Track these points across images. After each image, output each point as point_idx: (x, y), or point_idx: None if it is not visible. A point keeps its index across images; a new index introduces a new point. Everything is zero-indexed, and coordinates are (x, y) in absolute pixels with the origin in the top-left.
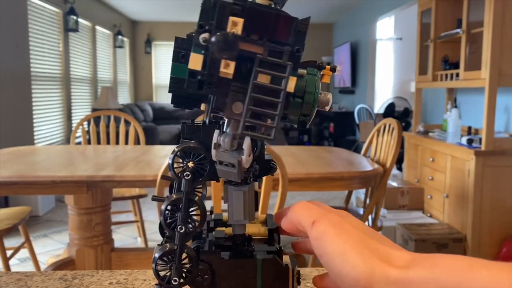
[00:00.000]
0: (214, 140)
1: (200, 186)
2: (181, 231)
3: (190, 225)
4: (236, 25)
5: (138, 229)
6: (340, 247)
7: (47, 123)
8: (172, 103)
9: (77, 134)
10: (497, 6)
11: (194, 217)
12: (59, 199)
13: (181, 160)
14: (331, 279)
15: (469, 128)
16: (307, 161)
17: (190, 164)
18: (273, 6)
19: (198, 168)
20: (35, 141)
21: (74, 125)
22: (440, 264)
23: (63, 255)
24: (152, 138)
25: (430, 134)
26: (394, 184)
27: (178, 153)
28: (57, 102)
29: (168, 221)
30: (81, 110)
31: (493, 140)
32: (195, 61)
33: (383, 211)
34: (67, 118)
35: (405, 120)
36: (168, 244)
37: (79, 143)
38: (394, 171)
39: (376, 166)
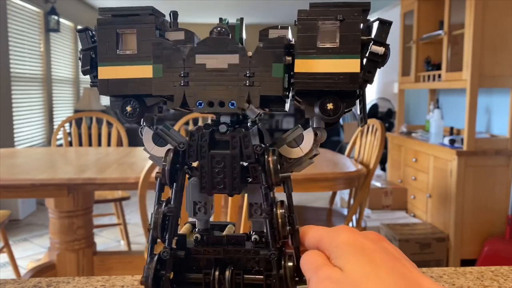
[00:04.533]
0: (312, 139)
1: None
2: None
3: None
4: None
5: (121, 232)
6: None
7: (27, 124)
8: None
9: (59, 136)
10: (478, 8)
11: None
12: (40, 202)
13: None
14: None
15: (451, 128)
16: None
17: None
18: None
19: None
20: (15, 143)
21: (55, 126)
22: None
23: (44, 259)
24: (135, 140)
25: (413, 134)
26: (378, 184)
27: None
28: (38, 103)
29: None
30: (63, 111)
31: (475, 141)
32: (356, 65)
33: (367, 211)
34: (48, 120)
35: (388, 120)
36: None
37: (61, 145)
38: (378, 171)
39: (359, 166)
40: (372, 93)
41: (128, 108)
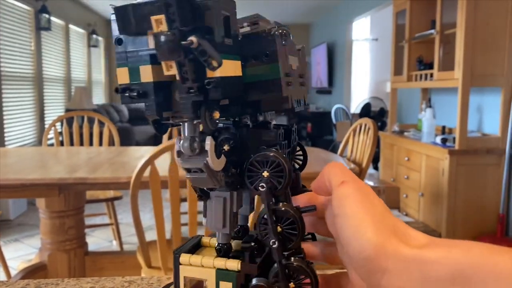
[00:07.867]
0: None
1: None
2: None
3: None
4: None
5: (113, 232)
6: (359, 213)
7: (18, 124)
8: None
9: (50, 136)
10: (469, 8)
11: None
12: (31, 202)
13: None
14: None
15: (443, 127)
16: None
17: None
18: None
19: None
20: (6, 143)
21: (46, 126)
22: (457, 246)
23: (35, 260)
24: (127, 139)
25: (405, 133)
26: (370, 183)
27: None
28: (29, 102)
29: None
30: (54, 110)
31: (466, 139)
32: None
33: None
34: (39, 119)
35: (381, 120)
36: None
37: (52, 144)
38: (370, 170)
39: (352, 165)
40: (364, 92)
41: (216, 114)
